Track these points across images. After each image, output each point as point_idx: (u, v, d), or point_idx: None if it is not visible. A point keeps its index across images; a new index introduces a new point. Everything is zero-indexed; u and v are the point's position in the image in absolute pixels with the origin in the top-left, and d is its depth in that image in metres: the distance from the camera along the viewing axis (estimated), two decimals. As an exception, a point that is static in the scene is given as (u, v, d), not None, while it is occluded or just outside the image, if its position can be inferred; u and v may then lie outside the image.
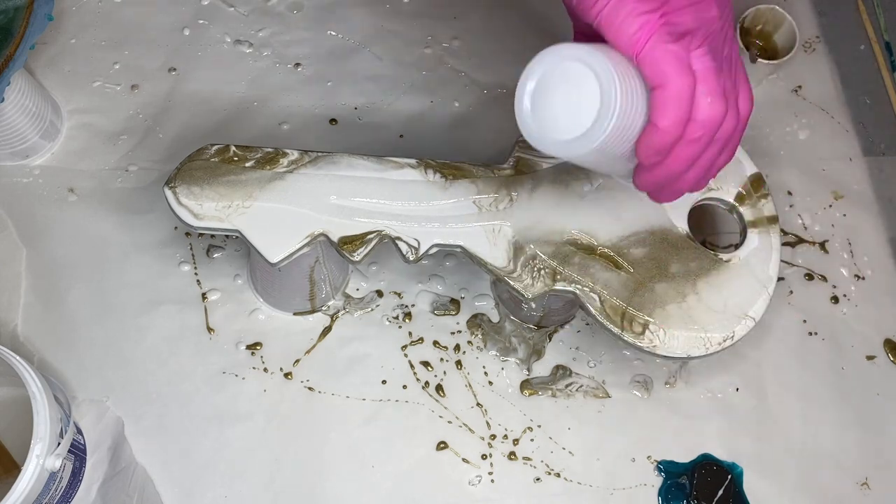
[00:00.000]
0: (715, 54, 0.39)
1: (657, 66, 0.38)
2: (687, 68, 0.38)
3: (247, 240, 0.50)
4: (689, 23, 0.38)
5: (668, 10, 0.38)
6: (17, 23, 0.54)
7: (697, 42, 0.38)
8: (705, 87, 0.38)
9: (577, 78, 0.39)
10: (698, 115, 0.39)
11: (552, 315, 0.58)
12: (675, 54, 0.38)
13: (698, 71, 0.38)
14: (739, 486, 0.56)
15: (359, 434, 0.57)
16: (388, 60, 0.68)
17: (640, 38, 0.38)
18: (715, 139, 0.40)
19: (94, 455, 0.50)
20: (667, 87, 0.38)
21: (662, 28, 0.38)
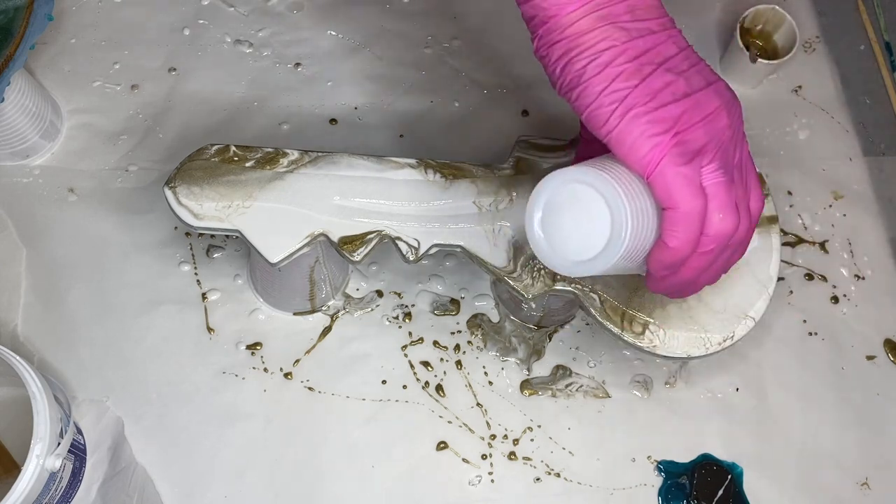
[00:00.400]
0: (726, 166, 0.39)
1: (668, 190, 0.38)
2: (698, 189, 0.38)
3: (247, 240, 0.50)
4: (701, 139, 0.38)
5: (679, 130, 0.38)
6: (17, 23, 0.54)
7: (709, 158, 0.38)
8: (717, 204, 0.38)
9: (586, 200, 0.39)
10: (710, 231, 0.39)
11: (552, 315, 0.58)
12: (687, 177, 0.38)
13: (709, 188, 0.38)
14: (739, 486, 0.56)
15: (359, 434, 0.57)
16: (388, 60, 0.68)
17: (651, 161, 0.38)
18: (731, 245, 0.41)
19: (94, 455, 0.50)
20: (679, 209, 0.38)
21: (674, 149, 0.37)
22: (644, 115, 0.37)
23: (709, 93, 0.39)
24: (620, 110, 0.37)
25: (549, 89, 0.67)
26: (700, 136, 0.38)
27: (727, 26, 0.71)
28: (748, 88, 0.69)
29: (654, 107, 0.37)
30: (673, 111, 0.38)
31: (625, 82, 0.37)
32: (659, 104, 0.37)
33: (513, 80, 0.68)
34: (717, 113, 0.39)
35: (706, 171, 0.38)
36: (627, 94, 0.37)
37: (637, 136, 0.37)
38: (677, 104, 0.38)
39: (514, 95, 0.68)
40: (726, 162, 0.39)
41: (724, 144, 0.39)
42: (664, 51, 0.38)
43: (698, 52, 0.40)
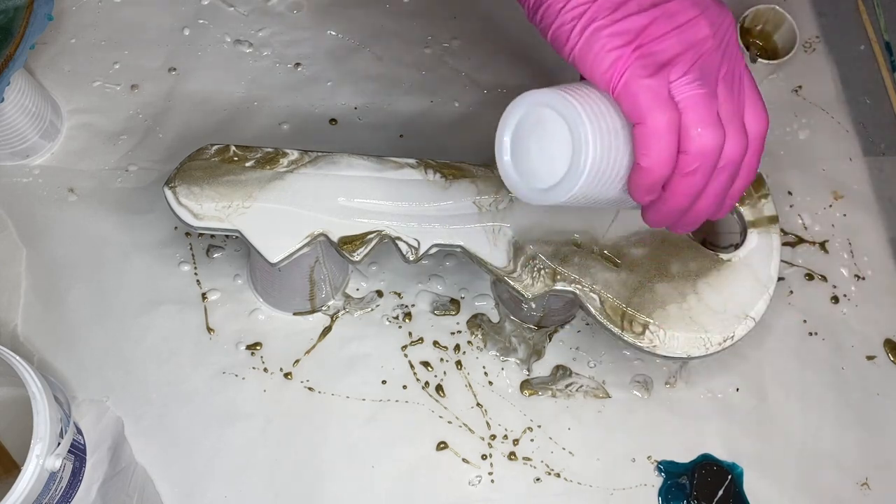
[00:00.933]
0: (706, 77, 0.37)
1: (633, 103, 0.36)
2: (666, 101, 0.36)
3: (247, 240, 0.50)
4: (672, 49, 0.36)
5: (644, 41, 0.36)
6: (17, 23, 0.54)
7: (681, 69, 0.36)
8: (693, 117, 0.36)
9: (549, 125, 0.38)
10: (690, 147, 0.37)
11: (552, 315, 0.58)
12: (652, 89, 0.36)
13: (683, 101, 0.36)
14: (739, 486, 0.56)
15: (359, 434, 0.57)
16: (388, 60, 0.68)
17: (613, 75, 0.36)
18: (720, 167, 0.38)
19: (94, 455, 0.50)
20: (645, 124, 0.36)
21: (637, 62, 0.36)
22: (605, 29, 0.36)
23: (685, 3, 0.37)
24: (580, 26, 0.36)
25: (549, 89, 0.68)
26: (670, 47, 0.36)
27: (727, 26, 0.71)
28: (748, 88, 0.69)
29: (616, 18, 0.36)
30: (637, 22, 0.36)
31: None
32: (621, 16, 0.36)
33: (513, 80, 0.68)
34: (694, 22, 0.37)
35: (679, 82, 0.36)
36: (587, 8, 0.36)
37: (598, 50, 0.36)
38: (642, 15, 0.36)
39: (514, 95, 0.67)
40: (706, 73, 0.37)
41: (703, 55, 0.37)
42: None
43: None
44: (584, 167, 0.37)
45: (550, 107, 0.37)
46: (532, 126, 0.39)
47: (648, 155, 0.37)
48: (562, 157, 0.37)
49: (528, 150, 0.39)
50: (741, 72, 0.39)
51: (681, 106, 0.36)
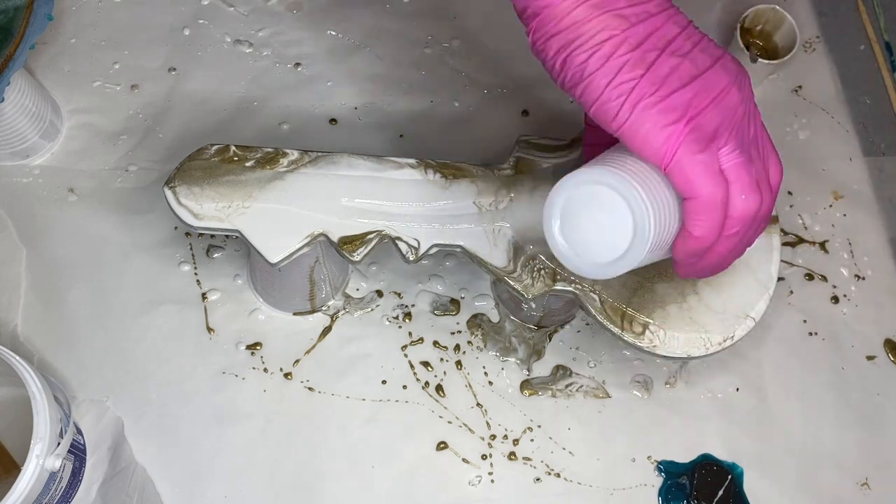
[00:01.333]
0: (743, 145, 0.38)
1: (688, 180, 0.37)
2: (717, 175, 0.37)
3: (247, 240, 0.50)
4: (714, 121, 0.37)
5: (692, 115, 0.37)
6: (17, 23, 0.54)
7: (724, 139, 0.38)
8: (739, 186, 0.38)
9: (604, 201, 0.38)
10: (735, 214, 0.38)
11: (552, 315, 0.58)
12: (705, 164, 0.37)
13: (729, 171, 0.38)
14: (739, 486, 0.56)
15: (359, 434, 0.57)
16: (388, 60, 0.68)
17: (667, 152, 0.37)
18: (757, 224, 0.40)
19: (94, 455, 0.50)
20: (700, 199, 0.37)
21: (688, 137, 0.37)
22: (654, 106, 0.36)
23: (717, 71, 0.38)
24: (629, 103, 0.37)
25: (549, 89, 0.68)
26: (713, 118, 0.37)
27: (727, 26, 0.71)
28: (748, 88, 0.69)
29: (663, 95, 0.36)
30: (683, 97, 0.37)
31: (630, 73, 0.36)
32: (668, 91, 0.37)
33: (513, 80, 0.68)
34: (727, 90, 0.38)
35: (723, 153, 0.38)
36: (634, 85, 0.36)
37: (649, 127, 0.37)
38: (686, 89, 0.37)
39: (514, 95, 0.68)
40: (742, 140, 0.38)
41: (737, 122, 0.38)
42: (666, 33, 0.37)
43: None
44: (647, 242, 0.38)
45: (605, 185, 0.38)
46: (583, 204, 0.39)
47: (701, 226, 0.38)
48: (622, 233, 0.38)
49: (582, 229, 0.40)
50: (761, 129, 0.41)
51: (727, 176, 0.38)
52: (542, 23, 0.38)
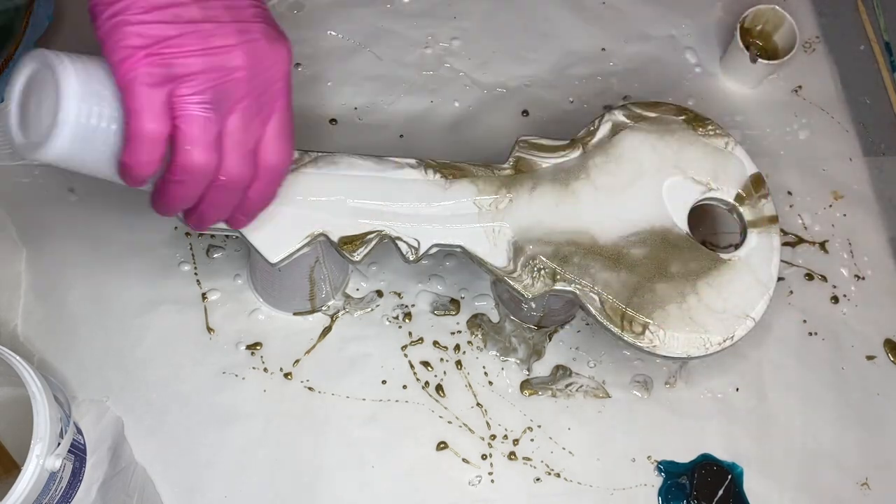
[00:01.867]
0: (219, 103, 0.39)
1: (128, 104, 0.38)
2: (158, 113, 0.38)
3: (247, 240, 0.50)
4: (192, 67, 0.38)
5: (161, 50, 0.37)
6: (18, 23, 0.54)
7: (193, 87, 0.38)
8: (186, 133, 0.39)
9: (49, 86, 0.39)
10: (176, 160, 0.39)
11: (552, 315, 0.58)
12: (148, 98, 0.37)
13: (183, 118, 0.38)
14: (739, 486, 0.56)
15: (359, 434, 0.57)
16: (388, 60, 0.68)
17: (119, 70, 0.37)
18: (217, 184, 0.41)
19: (94, 455, 0.50)
20: (130, 126, 0.38)
21: (145, 68, 0.37)
22: (129, 26, 0.37)
23: (227, 30, 0.39)
24: (110, 12, 0.37)
25: (549, 89, 0.68)
26: (191, 64, 0.38)
27: (727, 26, 0.71)
28: (748, 88, 0.69)
29: (144, 20, 0.37)
30: (164, 31, 0.37)
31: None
32: (152, 20, 0.37)
33: (513, 80, 0.68)
34: (228, 50, 0.39)
35: (184, 99, 0.38)
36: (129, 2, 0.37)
37: (115, 42, 0.37)
38: (174, 25, 0.38)
39: (514, 95, 0.68)
40: (221, 99, 0.39)
41: (226, 83, 0.39)
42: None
43: (699, 52, 0.39)
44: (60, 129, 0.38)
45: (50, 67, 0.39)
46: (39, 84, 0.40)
47: (128, 153, 0.39)
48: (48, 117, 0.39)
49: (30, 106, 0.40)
50: (273, 109, 0.42)
51: (177, 121, 0.39)
52: None
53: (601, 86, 0.68)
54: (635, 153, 0.54)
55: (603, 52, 0.70)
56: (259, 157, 0.42)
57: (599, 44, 0.70)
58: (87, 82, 0.39)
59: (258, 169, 0.42)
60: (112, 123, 0.39)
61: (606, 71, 0.69)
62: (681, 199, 0.53)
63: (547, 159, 0.53)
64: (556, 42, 0.70)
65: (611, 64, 0.69)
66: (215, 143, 0.40)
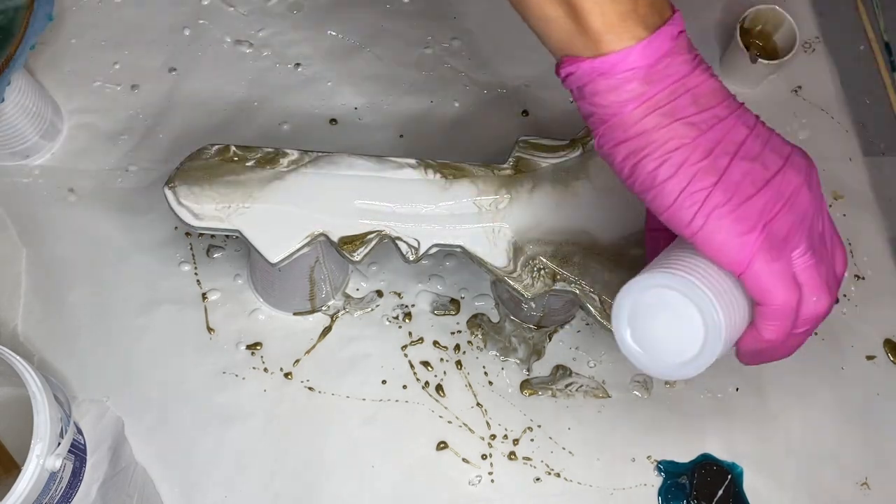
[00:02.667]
0: (813, 244, 0.38)
1: (762, 287, 0.37)
2: (791, 281, 0.37)
3: (247, 240, 0.50)
4: (787, 224, 0.37)
5: (766, 221, 0.37)
6: (17, 23, 0.54)
7: (796, 242, 0.37)
8: (810, 289, 0.38)
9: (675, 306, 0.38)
10: (806, 314, 0.39)
11: (552, 315, 0.58)
12: (779, 273, 0.37)
13: (801, 274, 0.38)
14: (739, 486, 0.56)
15: (359, 434, 0.57)
16: (388, 60, 0.68)
17: (741, 261, 0.36)
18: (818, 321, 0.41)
19: (94, 455, 0.50)
20: (773, 305, 0.37)
21: (763, 245, 0.36)
22: (728, 215, 0.36)
23: (787, 172, 0.37)
24: (703, 212, 0.36)
25: (549, 89, 0.68)
26: (785, 222, 0.37)
27: (727, 26, 0.71)
28: (748, 88, 0.69)
29: (736, 203, 0.36)
30: (756, 204, 0.36)
31: (702, 181, 0.36)
32: (741, 199, 0.36)
33: (513, 80, 0.68)
34: (798, 191, 0.38)
35: (795, 255, 0.37)
36: (707, 194, 0.36)
37: (724, 236, 0.36)
38: (759, 195, 0.37)
39: (514, 95, 0.68)
40: (812, 239, 0.38)
41: (808, 222, 0.38)
42: (736, 136, 0.37)
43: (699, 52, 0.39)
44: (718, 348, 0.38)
45: (676, 290, 0.38)
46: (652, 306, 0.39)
47: (773, 330, 0.38)
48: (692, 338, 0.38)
49: (654, 333, 0.40)
50: (828, 221, 0.40)
51: (798, 279, 0.38)
52: (610, 129, 0.38)
53: (601, 86, 0.68)
54: (635, 153, 0.54)
55: (603, 52, 0.70)
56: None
57: (599, 44, 0.70)
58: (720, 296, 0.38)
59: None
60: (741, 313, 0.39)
61: (606, 71, 0.69)
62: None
63: (547, 159, 0.53)
64: (556, 42, 0.70)
65: (611, 64, 0.69)
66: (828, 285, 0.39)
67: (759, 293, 0.37)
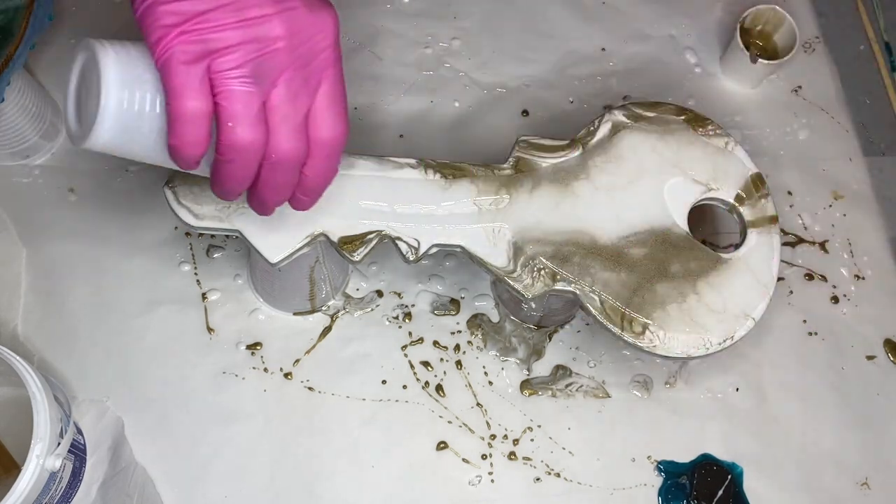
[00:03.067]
0: (260, 77, 0.38)
1: (168, 84, 0.37)
2: (197, 90, 0.37)
3: (247, 240, 0.50)
4: (228, 40, 0.37)
5: (195, 27, 0.36)
6: (17, 23, 0.54)
7: (232, 62, 0.37)
8: (228, 110, 0.37)
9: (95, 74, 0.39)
10: (221, 138, 0.38)
11: (552, 315, 0.58)
12: (186, 75, 0.36)
13: (220, 93, 0.37)
14: (739, 486, 0.56)
15: (359, 434, 0.57)
16: (388, 60, 0.68)
17: (156, 51, 0.37)
18: (271, 163, 0.39)
19: (94, 455, 0.50)
20: (173, 106, 0.37)
21: (180, 46, 0.36)
22: (161, 5, 0.36)
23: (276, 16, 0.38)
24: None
25: (549, 89, 0.68)
26: (227, 38, 0.37)
27: (727, 26, 0.71)
28: (748, 88, 0.69)
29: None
30: (196, 6, 0.37)
31: None
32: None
33: (513, 80, 0.68)
34: (265, 20, 0.37)
35: (223, 74, 0.37)
36: None
37: (149, 24, 0.37)
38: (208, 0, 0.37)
39: (514, 95, 0.68)
40: (262, 72, 0.38)
41: (266, 54, 0.38)
42: None
43: (699, 52, 0.39)
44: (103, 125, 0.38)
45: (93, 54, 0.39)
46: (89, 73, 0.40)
47: (173, 135, 0.38)
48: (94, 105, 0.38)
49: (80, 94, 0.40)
50: (321, 79, 0.40)
51: (218, 97, 0.37)
52: None
53: (601, 86, 0.68)
54: (635, 153, 0.54)
55: (603, 52, 0.70)
56: (311, 132, 0.40)
57: (599, 44, 0.70)
58: (129, 67, 0.38)
59: (311, 144, 0.40)
60: (157, 107, 0.39)
61: (606, 71, 0.69)
62: (681, 199, 0.53)
63: (547, 159, 0.53)
64: (556, 42, 0.70)
65: (611, 64, 0.69)
66: (259, 119, 0.38)
67: (166, 89, 0.37)
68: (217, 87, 0.37)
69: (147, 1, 0.37)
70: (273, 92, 0.38)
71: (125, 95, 0.38)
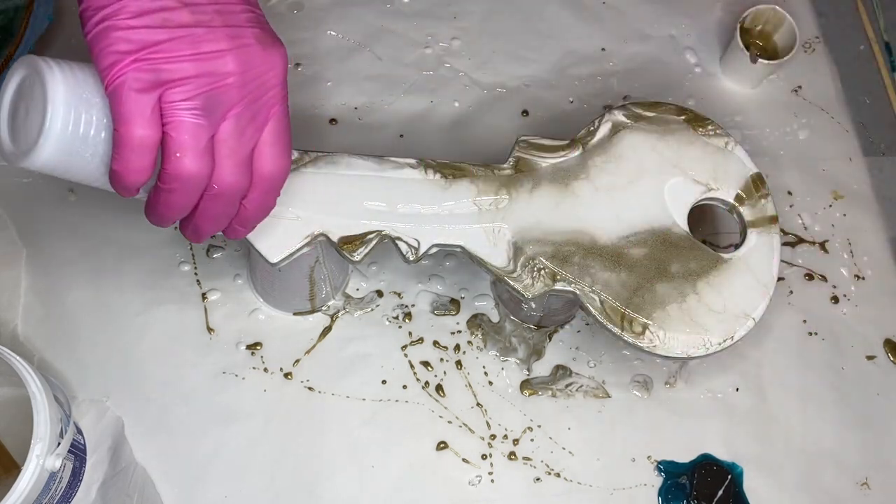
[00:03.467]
0: (210, 110, 0.38)
1: (116, 110, 0.37)
2: (147, 119, 0.37)
3: (247, 240, 0.50)
4: (182, 72, 0.37)
5: (150, 56, 0.37)
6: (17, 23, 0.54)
7: (184, 93, 0.38)
8: (176, 140, 0.38)
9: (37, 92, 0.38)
10: (166, 168, 0.39)
11: (552, 315, 0.58)
12: (136, 103, 0.37)
13: (170, 123, 0.38)
14: (739, 486, 0.56)
15: (359, 434, 0.57)
16: (388, 60, 0.68)
17: (107, 77, 0.37)
18: (212, 194, 0.40)
19: (94, 455, 0.50)
20: (119, 133, 0.37)
21: (133, 73, 0.37)
22: (117, 31, 0.37)
23: (219, 34, 0.38)
24: (98, 17, 0.37)
25: (549, 89, 0.68)
26: (181, 70, 0.37)
27: (727, 26, 0.71)
28: (748, 88, 0.69)
29: (132, 25, 0.37)
30: (152, 36, 0.37)
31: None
32: (140, 25, 0.37)
33: (513, 80, 0.68)
34: (219, 55, 0.38)
35: (175, 105, 0.38)
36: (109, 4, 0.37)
37: (102, 48, 0.37)
38: (163, 31, 0.37)
39: (514, 95, 0.68)
40: (212, 105, 0.38)
41: (217, 89, 0.38)
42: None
43: (699, 52, 0.39)
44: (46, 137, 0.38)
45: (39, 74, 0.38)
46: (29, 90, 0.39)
47: (117, 161, 0.38)
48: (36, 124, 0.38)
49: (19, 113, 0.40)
50: (269, 116, 0.41)
51: (167, 127, 0.38)
52: None
53: (601, 86, 0.68)
54: (635, 153, 0.54)
55: (603, 52, 0.70)
56: (255, 166, 0.41)
57: (599, 44, 0.70)
58: (76, 89, 0.38)
59: (254, 178, 0.41)
60: (101, 131, 0.39)
61: (606, 71, 0.69)
62: (681, 199, 0.53)
63: (547, 159, 0.53)
64: (556, 42, 0.70)
65: (611, 64, 0.69)
66: (207, 151, 0.39)
67: (114, 114, 0.37)
68: (167, 118, 0.38)
69: (101, 25, 0.37)
70: (222, 126, 0.39)
71: (71, 118, 0.38)
